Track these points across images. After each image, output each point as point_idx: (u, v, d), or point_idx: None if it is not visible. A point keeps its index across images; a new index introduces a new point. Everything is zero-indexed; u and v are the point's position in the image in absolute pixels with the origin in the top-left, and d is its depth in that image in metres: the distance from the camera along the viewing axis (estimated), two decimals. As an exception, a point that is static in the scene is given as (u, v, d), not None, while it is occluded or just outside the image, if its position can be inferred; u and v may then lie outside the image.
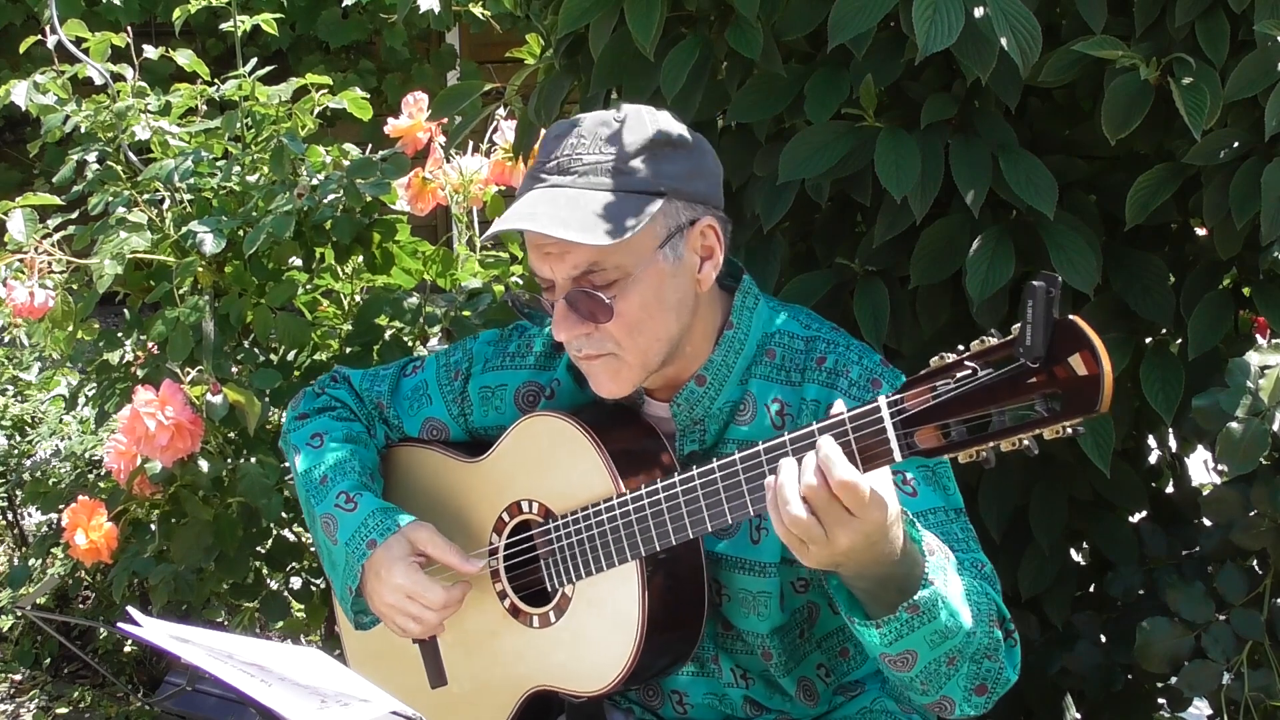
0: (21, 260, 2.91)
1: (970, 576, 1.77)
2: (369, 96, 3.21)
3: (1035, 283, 1.44)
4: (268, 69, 3.12)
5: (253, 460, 2.85)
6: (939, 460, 1.86)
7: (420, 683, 2.09)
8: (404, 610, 1.97)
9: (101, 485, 3.27)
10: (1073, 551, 2.75)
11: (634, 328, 1.84)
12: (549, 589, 1.97)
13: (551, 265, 1.84)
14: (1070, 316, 1.45)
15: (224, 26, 3.24)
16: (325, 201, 2.89)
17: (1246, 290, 2.44)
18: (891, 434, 1.56)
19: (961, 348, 1.52)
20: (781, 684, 1.98)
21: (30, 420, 4.17)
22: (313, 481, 2.08)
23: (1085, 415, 1.44)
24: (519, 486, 2.01)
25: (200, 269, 2.86)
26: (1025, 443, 1.48)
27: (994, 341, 1.49)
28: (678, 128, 1.88)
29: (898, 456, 1.57)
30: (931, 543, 1.68)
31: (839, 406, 1.62)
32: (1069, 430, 1.46)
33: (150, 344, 2.96)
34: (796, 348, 1.93)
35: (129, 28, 3.25)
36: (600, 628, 1.91)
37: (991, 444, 1.49)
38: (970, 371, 1.50)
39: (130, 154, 3.09)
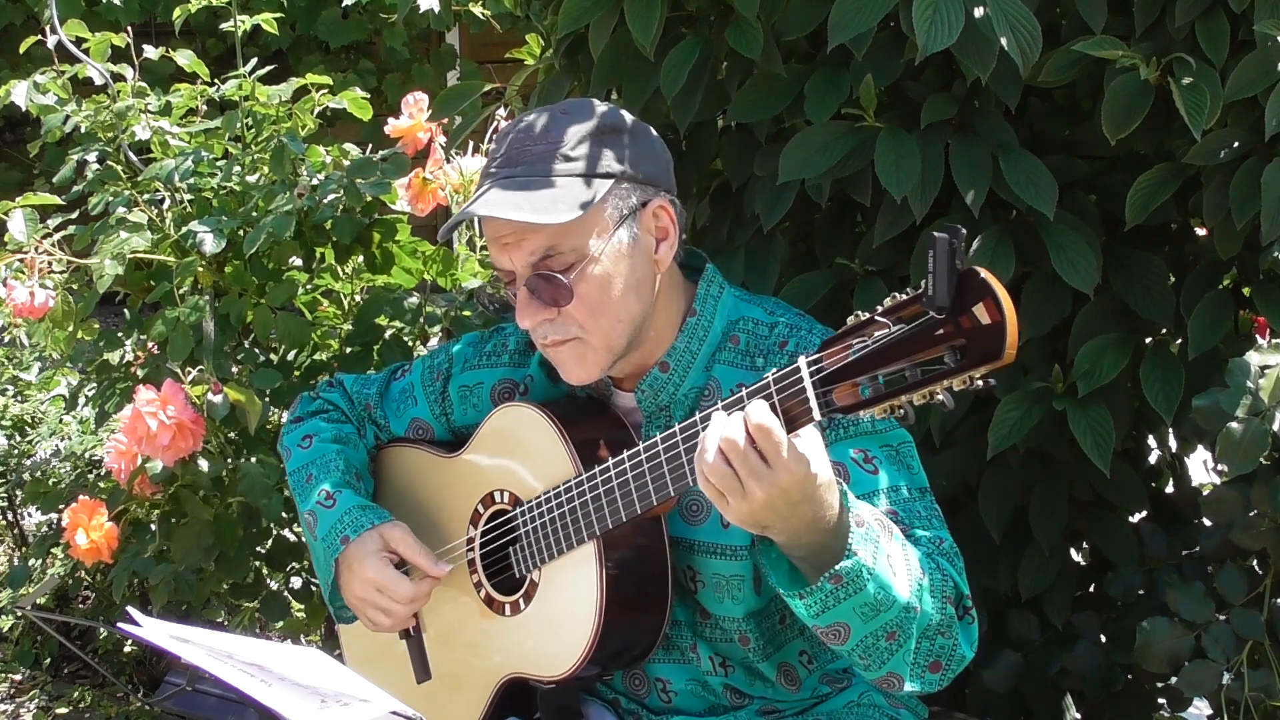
0: (21, 260, 2.91)
1: (925, 552, 1.77)
2: (369, 96, 3.21)
3: (937, 234, 1.44)
4: (268, 69, 3.12)
5: (253, 460, 2.85)
6: (901, 439, 1.89)
7: (409, 679, 2.11)
8: (374, 603, 2.03)
9: (101, 485, 3.26)
10: (1073, 551, 2.75)
11: (595, 309, 1.88)
12: (517, 576, 2.00)
13: (510, 255, 1.88)
14: (974, 267, 1.44)
15: (224, 26, 3.24)
16: (325, 201, 2.89)
17: (1246, 290, 2.44)
18: (810, 392, 1.57)
19: (878, 306, 1.53)
20: (761, 669, 1.99)
21: (30, 420, 4.17)
22: (300, 480, 2.16)
23: (990, 364, 1.43)
24: (491, 477, 2.05)
25: (200, 269, 2.86)
26: (939, 396, 1.48)
27: (905, 297, 1.50)
28: (620, 115, 1.94)
29: (817, 415, 1.57)
30: (863, 515, 1.68)
31: (770, 374, 1.63)
32: (978, 381, 1.45)
33: (150, 344, 2.96)
34: (760, 334, 1.96)
35: (129, 28, 3.25)
36: (563, 610, 1.93)
37: (904, 398, 1.49)
38: (884, 327, 1.51)
39: (130, 154, 3.09)
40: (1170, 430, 2.72)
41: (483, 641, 2.05)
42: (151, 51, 3.21)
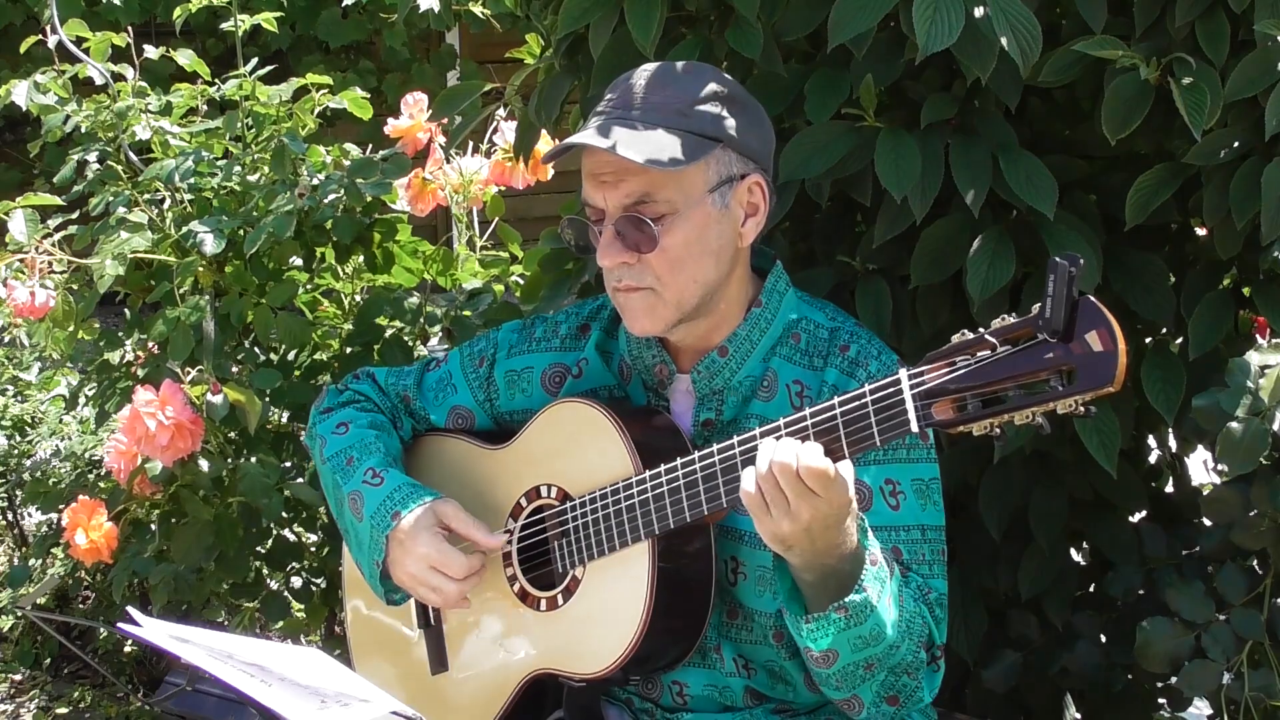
0: (22, 260, 2.91)
1: (913, 595, 1.85)
2: (369, 96, 3.22)
3: (1058, 259, 1.50)
4: (268, 69, 3.12)
5: (253, 460, 2.86)
6: (932, 474, 1.95)
7: (419, 670, 2.10)
8: (426, 581, 1.99)
9: (101, 485, 3.27)
10: (1073, 551, 2.75)
11: (675, 264, 1.90)
12: (559, 571, 1.99)
13: (605, 194, 1.90)
14: (1088, 295, 1.50)
15: (224, 26, 3.24)
16: (326, 201, 2.90)
17: (1246, 290, 2.44)
18: (910, 405, 1.63)
19: (981, 329, 1.57)
20: (786, 669, 1.99)
21: (30, 420, 4.17)
22: (340, 464, 2.12)
23: (1098, 390, 1.49)
24: (539, 471, 2.04)
25: (201, 269, 2.86)
26: (1038, 419, 1.53)
27: (1013, 320, 1.56)
28: (738, 87, 1.98)
29: (914, 427, 1.64)
30: (876, 553, 1.77)
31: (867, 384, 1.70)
32: (1081, 407, 1.51)
33: (150, 344, 2.97)
34: (821, 335, 2.00)
35: (129, 28, 3.25)
36: (607, 607, 1.93)
37: (1005, 417, 1.55)
38: (989, 348, 1.56)
39: (131, 154, 3.09)
40: (1170, 430, 2.72)
41: (512, 636, 2.04)
42: (151, 51, 3.21)
